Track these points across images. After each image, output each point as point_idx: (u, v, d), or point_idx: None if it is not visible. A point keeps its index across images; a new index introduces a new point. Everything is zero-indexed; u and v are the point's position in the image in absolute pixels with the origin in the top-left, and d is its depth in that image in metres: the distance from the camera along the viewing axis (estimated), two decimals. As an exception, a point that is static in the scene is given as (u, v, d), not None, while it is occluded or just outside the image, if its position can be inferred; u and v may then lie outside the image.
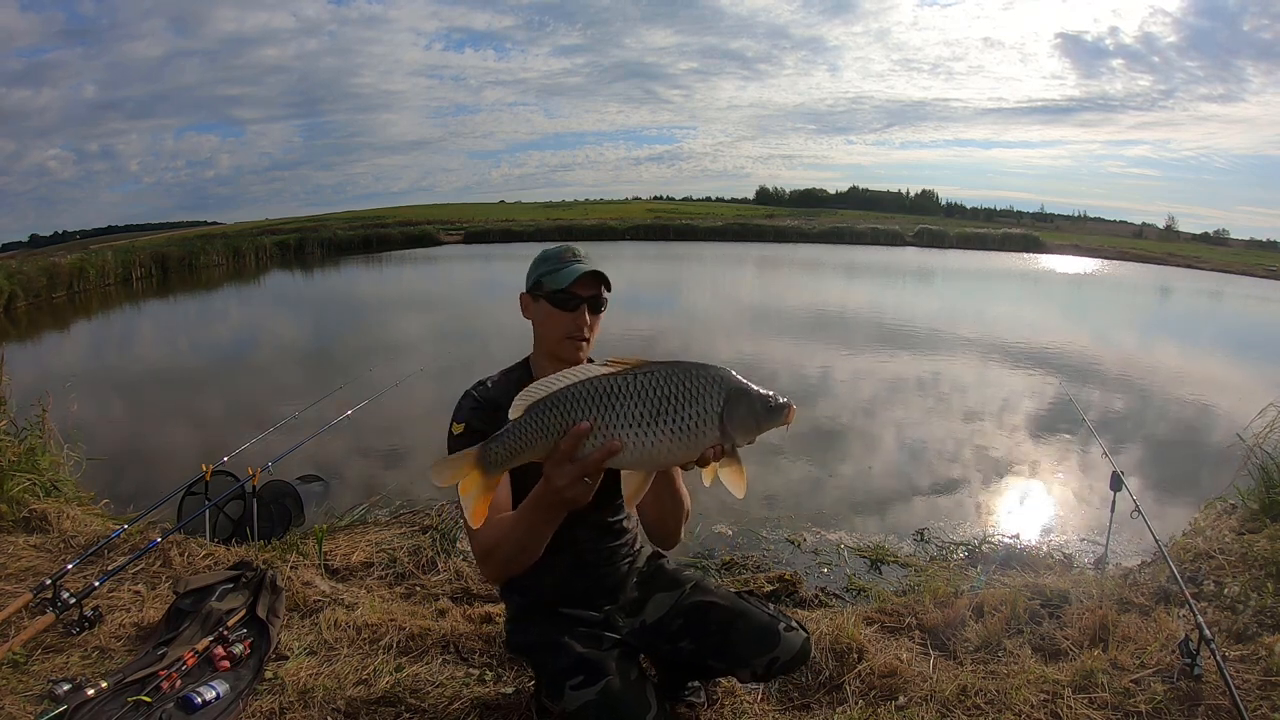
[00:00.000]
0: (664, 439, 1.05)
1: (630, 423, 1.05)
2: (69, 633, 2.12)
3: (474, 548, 1.49)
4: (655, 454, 1.07)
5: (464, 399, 1.53)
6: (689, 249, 29.49)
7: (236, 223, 55.35)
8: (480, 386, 1.54)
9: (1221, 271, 29.59)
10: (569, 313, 1.51)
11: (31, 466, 3.31)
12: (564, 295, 1.50)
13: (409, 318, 11.97)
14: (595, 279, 1.52)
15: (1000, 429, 5.89)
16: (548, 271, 1.53)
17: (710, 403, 1.06)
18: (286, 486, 3.49)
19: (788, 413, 1.10)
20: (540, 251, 1.59)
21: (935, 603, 2.41)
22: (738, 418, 1.07)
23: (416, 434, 5.13)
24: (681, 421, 1.05)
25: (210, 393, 7.19)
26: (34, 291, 14.14)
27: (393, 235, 32.25)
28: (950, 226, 40.53)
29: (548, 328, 1.54)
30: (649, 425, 1.05)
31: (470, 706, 1.82)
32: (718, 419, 1.06)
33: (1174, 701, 1.78)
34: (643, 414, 1.05)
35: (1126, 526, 3.05)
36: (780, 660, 1.53)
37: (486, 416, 1.46)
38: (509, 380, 1.55)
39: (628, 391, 1.06)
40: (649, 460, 1.09)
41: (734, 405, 1.07)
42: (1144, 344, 11.11)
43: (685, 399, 1.05)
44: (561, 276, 1.51)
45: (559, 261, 1.53)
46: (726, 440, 1.08)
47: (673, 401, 1.05)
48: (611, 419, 1.05)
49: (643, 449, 1.06)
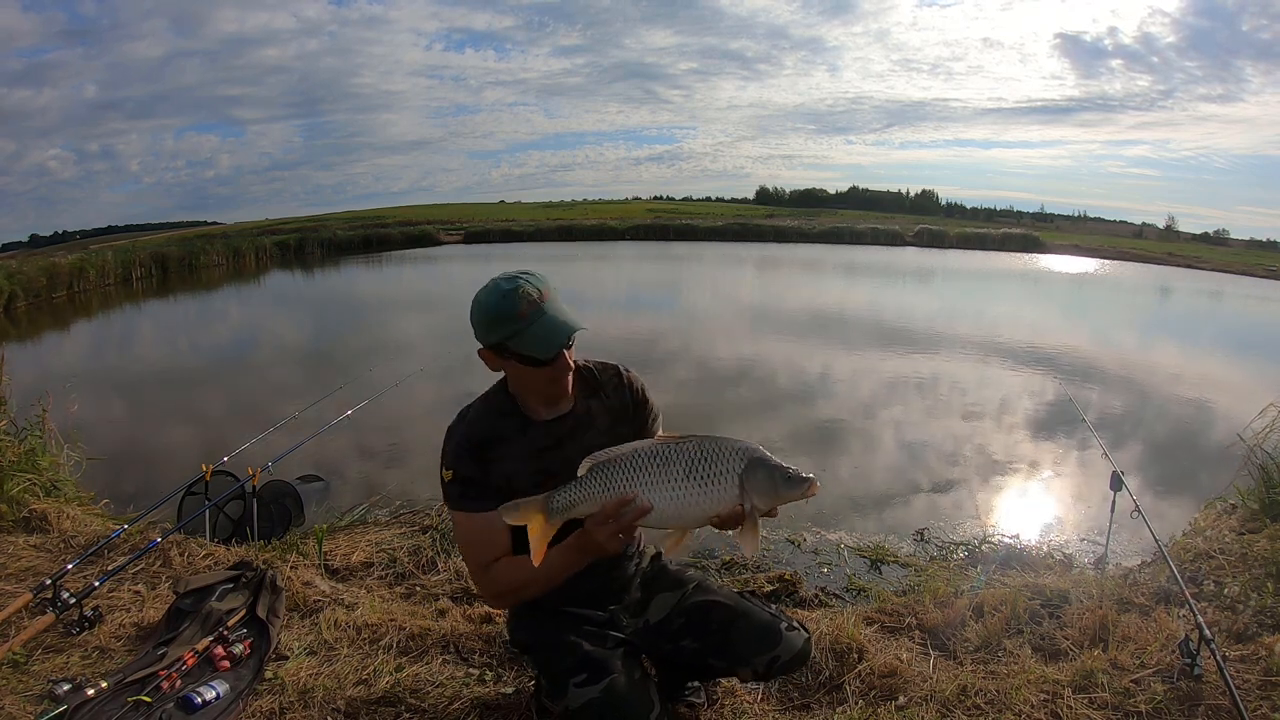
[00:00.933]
0: (690, 496, 1.23)
1: (666, 482, 1.24)
2: (69, 633, 2.12)
3: (493, 585, 1.49)
4: (684, 509, 1.24)
5: (449, 440, 1.49)
6: (689, 249, 29.47)
7: (236, 223, 55.31)
8: (461, 422, 1.50)
9: (1221, 271, 29.55)
10: (546, 367, 1.41)
11: (31, 466, 3.32)
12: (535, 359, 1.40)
13: (409, 318, 11.97)
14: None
15: (1000, 429, 5.90)
16: (510, 335, 1.37)
17: (732, 465, 1.23)
18: (286, 486, 3.49)
19: (808, 486, 1.23)
20: (481, 303, 1.40)
21: (935, 603, 2.41)
22: (756, 481, 1.22)
23: (416, 434, 5.13)
24: (706, 481, 1.22)
25: (210, 393, 7.19)
26: (34, 291, 14.14)
27: (393, 235, 32.22)
28: (950, 226, 40.45)
29: (525, 382, 1.47)
30: (680, 483, 1.23)
31: (470, 706, 1.82)
32: (738, 480, 1.22)
33: (1174, 701, 1.78)
34: (676, 474, 1.23)
35: (1126, 526, 3.06)
36: (781, 659, 1.53)
37: (472, 462, 1.46)
38: (489, 409, 1.51)
39: (667, 457, 1.25)
40: (679, 515, 1.25)
41: (753, 470, 1.22)
42: (1144, 344, 11.11)
43: (711, 461, 1.23)
44: (532, 344, 1.37)
45: (519, 319, 1.36)
46: (745, 501, 1.23)
47: (701, 464, 1.23)
48: (653, 480, 1.24)
49: (673, 504, 1.23)
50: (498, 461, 1.47)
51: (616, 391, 1.57)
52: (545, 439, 1.50)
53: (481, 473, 1.46)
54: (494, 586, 1.50)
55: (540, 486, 1.40)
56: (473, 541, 1.49)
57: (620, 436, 1.49)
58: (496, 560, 1.47)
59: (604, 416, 1.54)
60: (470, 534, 1.49)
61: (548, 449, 1.49)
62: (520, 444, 1.48)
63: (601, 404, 1.55)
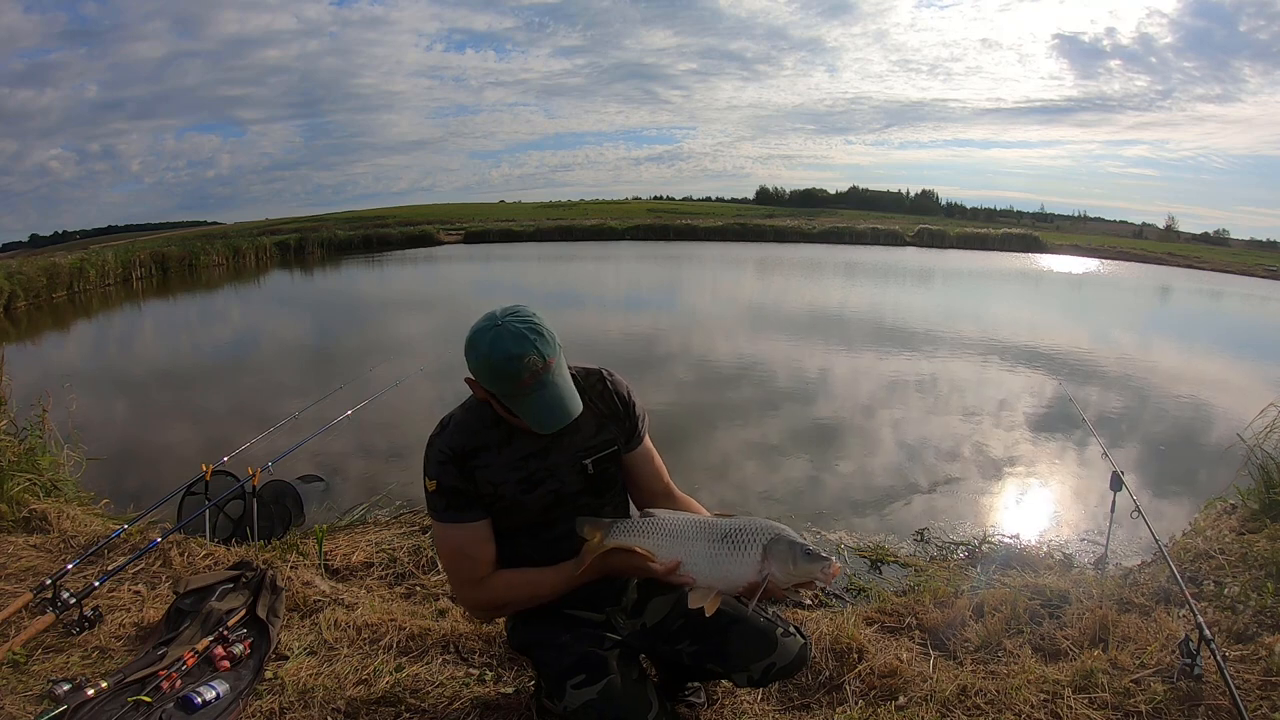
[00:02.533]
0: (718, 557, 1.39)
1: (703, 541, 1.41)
2: (69, 633, 2.13)
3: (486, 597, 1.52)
4: (713, 570, 1.39)
5: (431, 450, 1.47)
6: (689, 249, 29.47)
7: (237, 223, 55.28)
8: (443, 432, 1.48)
9: (1221, 271, 29.54)
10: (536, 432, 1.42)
11: (31, 466, 3.32)
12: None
13: (409, 318, 11.97)
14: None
15: (1000, 428, 5.89)
16: (507, 394, 1.37)
17: (758, 536, 1.38)
18: (286, 486, 3.49)
19: (826, 566, 1.35)
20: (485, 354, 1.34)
21: (935, 603, 2.41)
22: (777, 551, 1.36)
23: (417, 434, 5.09)
24: (734, 544, 1.39)
25: (210, 392, 7.19)
26: (34, 291, 14.13)
27: (393, 235, 32.20)
28: (950, 226, 40.39)
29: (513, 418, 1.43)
30: (715, 544, 1.40)
31: (470, 706, 1.82)
32: (761, 550, 1.37)
33: (1174, 701, 1.78)
34: (714, 535, 1.40)
35: (1126, 526, 3.06)
36: (777, 666, 1.52)
37: (454, 471, 1.45)
38: (472, 419, 1.48)
39: (710, 526, 1.43)
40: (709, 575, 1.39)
41: (776, 543, 1.37)
42: (1143, 344, 11.10)
43: (743, 531, 1.40)
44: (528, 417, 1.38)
45: (520, 386, 1.34)
46: (765, 569, 1.35)
47: (735, 531, 1.40)
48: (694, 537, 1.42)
49: (706, 564, 1.40)
50: (482, 469, 1.46)
51: (602, 398, 1.56)
52: (531, 445, 1.49)
53: (466, 483, 1.45)
54: (486, 599, 1.52)
55: (527, 493, 1.47)
56: (460, 553, 1.49)
57: (606, 440, 1.54)
58: (486, 573, 1.49)
59: (590, 422, 1.52)
60: (457, 545, 1.49)
61: (533, 455, 1.49)
62: (506, 452, 1.47)
63: (588, 409, 1.52)
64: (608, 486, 1.58)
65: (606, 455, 1.55)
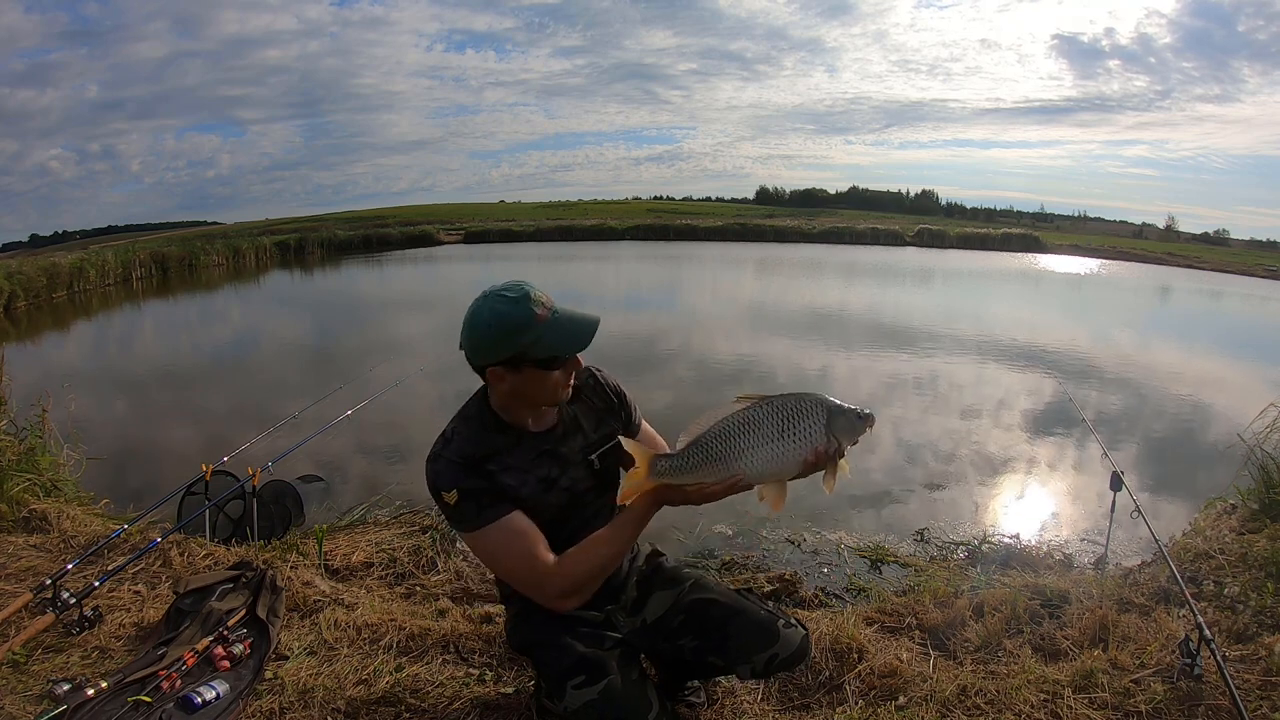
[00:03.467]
0: (786, 452, 1.35)
1: (760, 444, 1.35)
2: (69, 633, 2.13)
3: (567, 578, 1.39)
4: (781, 465, 1.35)
5: (440, 464, 1.41)
6: (689, 249, 29.46)
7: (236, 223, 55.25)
8: (448, 446, 1.44)
9: (1221, 271, 29.53)
10: (564, 370, 1.42)
11: (31, 466, 3.32)
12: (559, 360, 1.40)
13: (409, 317, 11.96)
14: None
15: (999, 428, 5.89)
16: (530, 343, 1.35)
17: (815, 417, 1.35)
18: (286, 486, 3.48)
19: (872, 418, 1.37)
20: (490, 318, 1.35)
21: (935, 603, 2.41)
22: (839, 425, 1.35)
23: (417, 433, 5.12)
24: (796, 435, 1.35)
25: (210, 392, 7.19)
26: (34, 291, 14.13)
27: (393, 235, 32.21)
28: (950, 226, 40.38)
29: (537, 390, 1.42)
30: (774, 442, 1.35)
31: (470, 706, 1.82)
32: (824, 428, 1.35)
33: (1174, 701, 1.78)
34: (770, 435, 1.35)
35: (1126, 526, 3.06)
36: (780, 657, 1.53)
37: (473, 476, 1.41)
38: (475, 428, 1.46)
39: (759, 420, 1.36)
40: (776, 472, 1.36)
41: (835, 417, 1.35)
42: (1143, 343, 11.10)
43: (798, 417, 1.35)
44: (557, 344, 1.37)
45: (536, 323, 1.35)
46: (832, 445, 1.35)
47: (789, 422, 1.35)
48: (747, 445, 1.35)
49: (770, 463, 1.35)
50: (500, 472, 1.44)
51: (596, 393, 1.60)
52: (540, 446, 1.49)
53: (487, 482, 1.42)
54: (567, 582, 1.39)
55: (547, 491, 1.47)
56: (516, 549, 1.40)
57: (607, 434, 1.56)
58: (550, 558, 1.39)
59: (590, 417, 1.57)
60: (510, 541, 1.40)
61: (545, 454, 1.49)
62: (517, 455, 1.46)
63: (584, 405, 1.58)
64: (614, 481, 1.58)
65: (610, 448, 1.57)
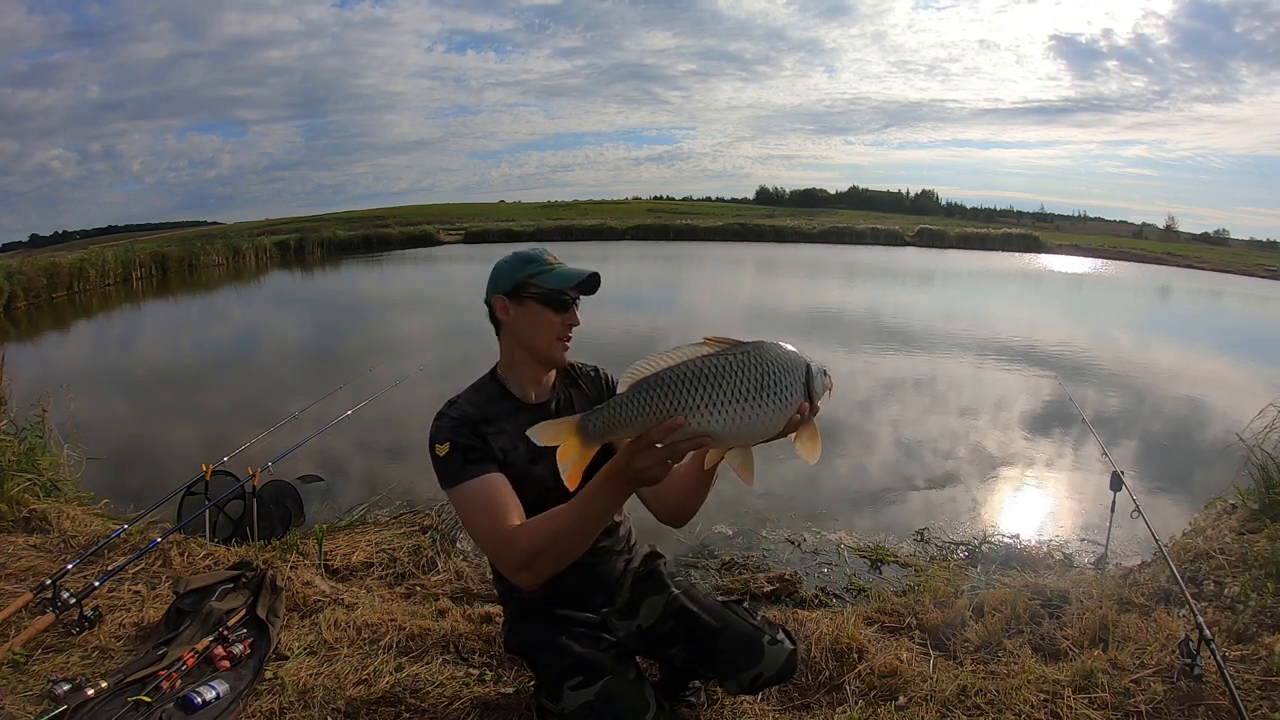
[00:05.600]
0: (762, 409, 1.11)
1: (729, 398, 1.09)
2: (69, 633, 2.13)
3: (519, 552, 1.31)
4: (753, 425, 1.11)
5: (440, 420, 1.48)
6: (689, 249, 29.45)
7: (236, 223, 55.23)
8: (453, 406, 1.51)
9: (1221, 271, 29.54)
10: (561, 313, 1.50)
11: (31, 466, 3.32)
12: (561, 297, 1.49)
13: (409, 317, 11.96)
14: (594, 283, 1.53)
15: (999, 428, 5.89)
16: (537, 273, 1.50)
17: (795, 376, 1.14)
18: (286, 486, 3.48)
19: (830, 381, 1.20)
20: (510, 255, 1.56)
21: (935, 603, 2.41)
22: (816, 385, 1.16)
23: (417, 433, 5.09)
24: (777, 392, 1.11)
25: (210, 392, 7.18)
26: (34, 291, 14.12)
27: (393, 235, 32.20)
28: (950, 227, 40.41)
29: (535, 330, 1.50)
30: (749, 399, 1.10)
31: (470, 706, 1.82)
32: (803, 387, 1.14)
33: (1174, 701, 1.78)
34: (745, 389, 1.10)
35: (1126, 526, 3.05)
36: (764, 676, 1.51)
37: (468, 431, 1.45)
38: (479, 394, 1.54)
39: (726, 370, 1.10)
40: (749, 434, 1.12)
41: (816, 376, 1.16)
42: (1143, 343, 11.10)
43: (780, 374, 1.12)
44: (557, 277, 1.49)
45: (544, 263, 1.51)
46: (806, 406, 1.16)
47: (770, 378, 1.11)
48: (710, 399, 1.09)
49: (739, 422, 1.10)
50: (494, 435, 1.48)
51: (592, 384, 1.66)
52: (534, 419, 1.49)
53: (480, 440, 1.45)
54: (521, 553, 1.30)
55: (534, 463, 1.46)
56: (486, 507, 1.37)
57: None
58: (517, 525, 1.35)
59: (583, 403, 1.60)
60: (482, 500, 1.38)
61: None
62: (513, 423, 1.50)
63: (580, 393, 1.63)
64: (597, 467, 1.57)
65: None
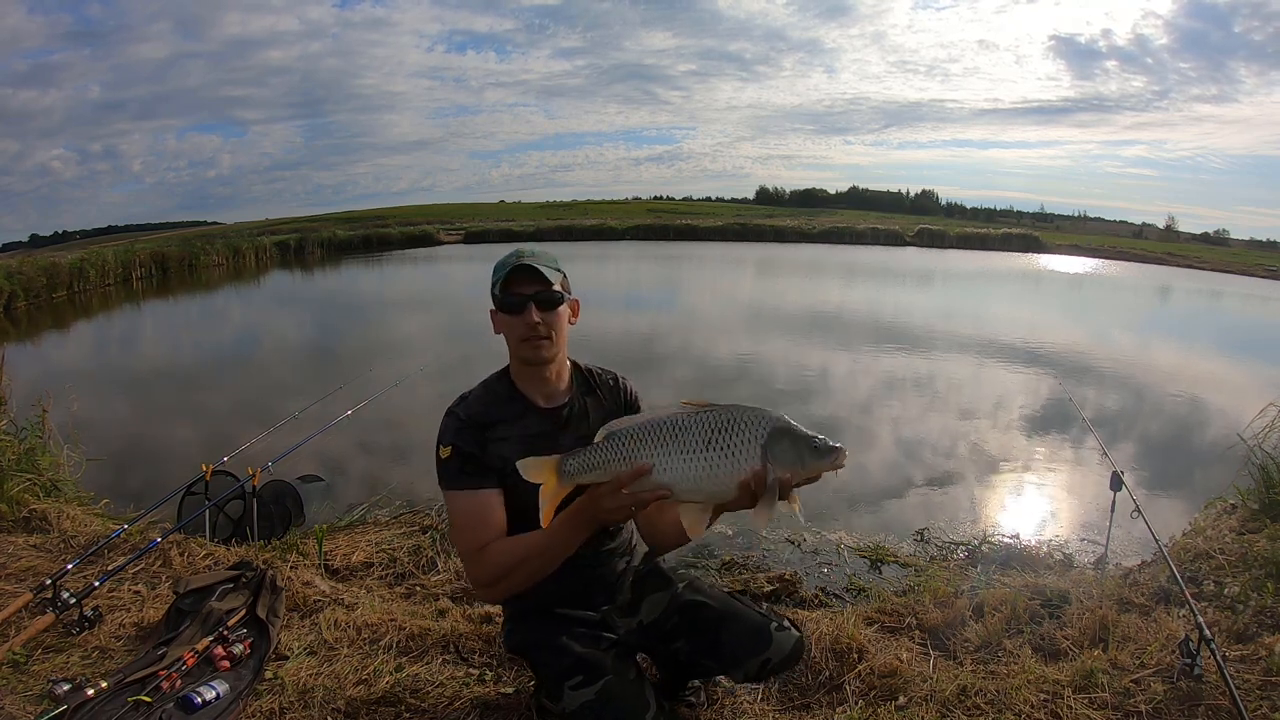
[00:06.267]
0: (710, 466, 1.15)
1: (684, 452, 1.16)
2: (69, 633, 2.13)
3: (486, 567, 1.43)
4: (702, 481, 1.16)
5: (448, 419, 1.51)
6: (689, 249, 29.44)
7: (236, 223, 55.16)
8: (462, 403, 1.53)
9: (1221, 271, 29.54)
10: (517, 315, 1.48)
11: (31, 466, 3.32)
12: (509, 299, 1.48)
13: (409, 317, 11.96)
14: (533, 276, 1.46)
15: (999, 428, 5.89)
16: (495, 281, 1.50)
17: (754, 433, 1.15)
18: (287, 486, 3.48)
19: (836, 456, 1.15)
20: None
21: (935, 603, 2.41)
22: (779, 450, 1.14)
23: (417, 433, 5.11)
24: (727, 450, 1.14)
25: (210, 392, 7.18)
26: (34, 291, 14.12)
27: (393, 235, 32.19)
28: (950, 227, 40.40)
29: (507, 334, 1.52)
30: (699, 454, 1.15)
31: (470, 706, 1.82)
32: (760, 449, 1.14)
33: (1174, 701, 1.78)
34: (695, 444, 1.16)
35: (1126, 526, 3.05)
36: (772, 661, 1.53)
37: (471, 437, 1.47)
38: (490, 394, 1.55)
39: (686, 425, 1.17)
40: (697, 488, 1.17)
41: (777, 439, 1.15)
42: (1143, 343, 11.10)
43: (733, 430, 1.15)
44: (497, 280, 1.50)
45: (502, 267, 1.50)
46: (770, 472, 1.14)
47: (721, 433, 1.15)
48: (670, 449, 1.17)
49: (691, 476, 1.16)
50: (496, 442, 1.48)
51: (611, 394, 1.63)
52: (543, 425, 1.53)
53: (480, 450, 1.47)
54: (488, 569, 1.43)
55: None
56: (468, 521, 1.46)
57: None
58: (489, 545, 1.44)
59: (598, 413, 1.58)
60: (467, 513, 1.46)
61: (543, 435, 1.51)
62: (519, 427, 1.50)
63: (597, 401, 1.61)
64: None
65: None
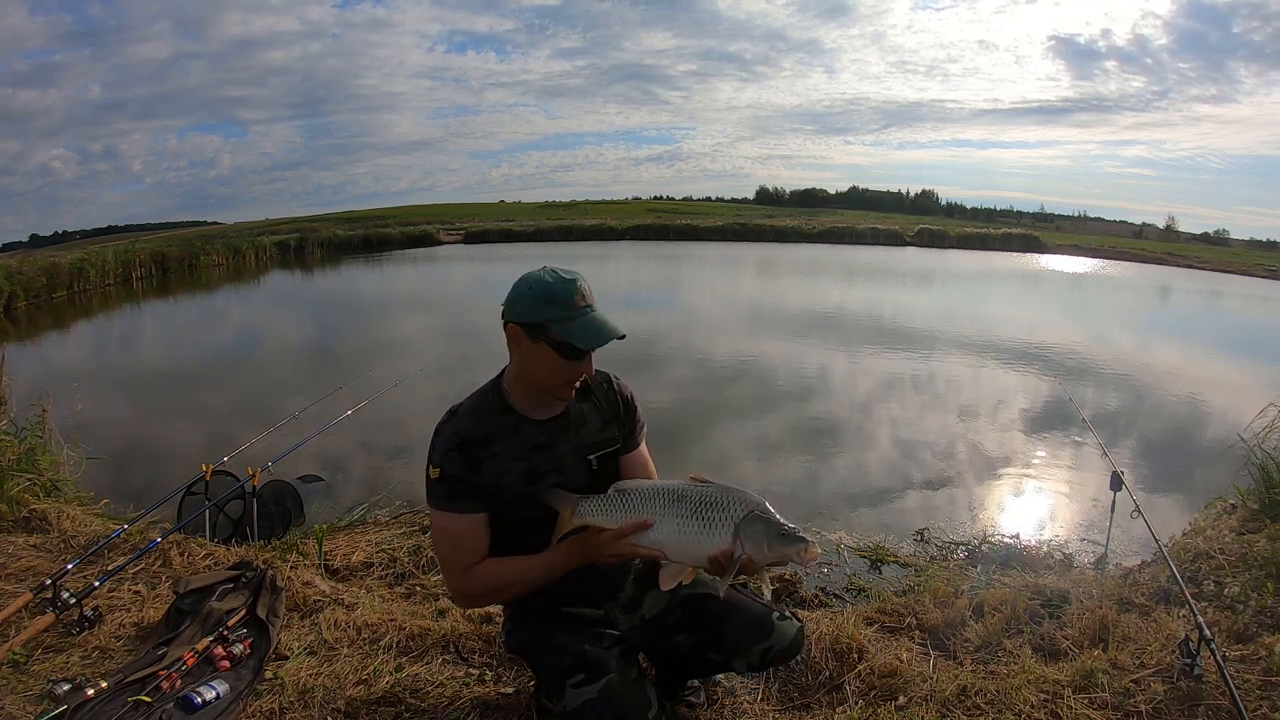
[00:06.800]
0: (690, 533, 1.34)
1: (674, 516, 1.36)
2: (69, 633, 2.13)
3: (474, 586, 1.49)
4: (681, 544, 1.35)
5: (438, 438, 1.48)
6: (689, 249, 29.43)
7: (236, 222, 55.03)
8: (453, 420, 1.49)
9: (1221, 271, 29.50)
10: (575, 362, 1.43)
11: (31, 466, 3.32)
12: (576, 350, 1.41)
13: (409, 317, 11.96)
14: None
15: (999, 428, 5.89)
16: (557, 319, 1.39)
17: (731, 512, 1.32)
18: (287, 486, 3.48)
19: (803, 548, 1.29)
20: (536, 281, 1.42)
21: (935, 603, 2.41)
22: (750, 531, 1.30)
23: (417, 433, 5.11)
24: (707, 522, 1.33)
25: (210, 392, 7.19)
26: (34, 291, 14.10)
27: (393, 235, 32.13)
28: (950, 226, 40.29)
29: (545, 371, 1.44)
30: (687, 520, 1.35)
31: (470, 706, 1.82)
32: (734, 527, 1.31)
33: (1174, 701, 1.78)
34: (685, 511, 1.35)
35: (1126, 526, 3.06)
36: (775, 649, 1.54)
37: (461, 460, 1.45)
38: (482, 405, 1.51)
39: (683, 494, 1.37)
40: (677, 549, 1.35)
41: (750, 522, 1.31)
42: (1143, 343, 11.10)
43: (717, 506, 1.34)
44: (580, 334, 1.39)
45: (570, 308, 1.39)
46: (738, 549, 1.30)
47: (707, 506, 1.34)
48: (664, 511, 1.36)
49: (674, 537, 1.35)
50: (489, 460, 1.46)
51: (607, 396, 1.62)
52: (538, 436, 1.51)
53: (469, 472, 1.46)
54: (475, 586, 1.49)
55: (530, 484, 1.47)
56: (455, 543, 1.48)
57: (609, 437, 1.57)
58: (478, 562, 1.48)
59: (595, 418, 1.57)
60: (453, 535, 1.48)
61: (540, 447, 1.50)
62: (512, 440, 1.49)
63: (593, 406, 1.59)
64: (610, 484, 1.58)
65: (610, 452, 1.58)
